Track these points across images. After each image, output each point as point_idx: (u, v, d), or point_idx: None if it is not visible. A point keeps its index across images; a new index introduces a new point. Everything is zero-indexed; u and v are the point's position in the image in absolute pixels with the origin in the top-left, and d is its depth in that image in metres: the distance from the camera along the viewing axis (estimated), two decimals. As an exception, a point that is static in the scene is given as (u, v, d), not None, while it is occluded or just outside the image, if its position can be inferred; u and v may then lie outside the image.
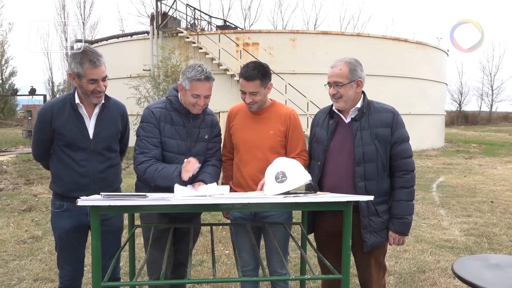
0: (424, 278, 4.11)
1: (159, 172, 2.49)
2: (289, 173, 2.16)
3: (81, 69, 2.40)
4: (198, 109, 2.62)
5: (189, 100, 2.57)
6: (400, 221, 2.47)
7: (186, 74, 2.56)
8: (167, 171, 2.49)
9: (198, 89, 2.53)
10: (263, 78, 2.62)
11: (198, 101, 2.56)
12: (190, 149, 2.67)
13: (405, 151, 2.48)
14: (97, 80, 2.44)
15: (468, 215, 6.66)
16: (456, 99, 52.11)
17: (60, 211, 2.58)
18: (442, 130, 21.82)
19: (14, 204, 7.28)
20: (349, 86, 2.44)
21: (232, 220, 2.87)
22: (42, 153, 2.65)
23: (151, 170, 2.51)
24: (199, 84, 2.53)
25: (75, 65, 2.42)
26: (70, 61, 2.46)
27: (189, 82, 2.53)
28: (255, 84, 2.61)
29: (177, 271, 2.92)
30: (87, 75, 2.41)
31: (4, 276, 4.11)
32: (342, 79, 2.43)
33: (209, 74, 2.56)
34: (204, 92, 2.56)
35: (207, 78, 2.54)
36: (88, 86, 2.44)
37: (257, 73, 2.60)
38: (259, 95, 2.64)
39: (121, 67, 17.02)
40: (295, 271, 4.12)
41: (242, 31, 19.28)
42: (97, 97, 2.50)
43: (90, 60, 2.40)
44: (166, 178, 2.46)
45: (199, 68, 2.54)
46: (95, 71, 2.42)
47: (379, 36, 18.49)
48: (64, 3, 39.48)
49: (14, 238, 5.33)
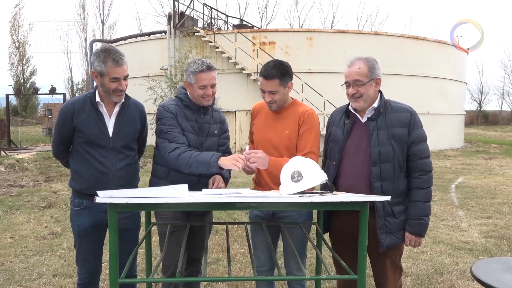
0: (442, 280, 4.05)
1: (195, 158, 2.49)
2: (305, 172, 2.15)
3: (104, 67, 2.45)
4: (208, 100, 2.70)
5: (197, 93, 2.65)
6: (417, 222, 2.44)
7: (189, 69, 2.67)
8: (204, 156, 2.49)
9: (203, 80, 2.62)
10: (282, 77, 2.59)
11: (205, 91, 2.65)
12: (202, 144, 2.74)
13: (423, 151, 2.45)
14: (119, 79, 2.49)
15: (487, 217, 6.53)
16: (476, 99, 51.18)
17: (80, 209, 2.63)
18: (461, 130, 21.45)
19: (34, 200, 7.45)
20: (369, 84, 2.42)
21: (250, 219, 2.87)
22: (62, 150, 2.70)
23: (185, 156, 2.52)
24: (203, 75, 2.61)
25: (98, 63, 2.47)
26: (93, 59, 2.51)
27: (194, 75, 2.63)
28: (274, 83, 2.59)
29: (190, 267, 2.95)
30: (109, 73, 2.46)
31: (25, 271, 4.21)
32: (362, 78, 2.40)
33: (210, 64, 2.65)
34: (210, 82, 2.65)
35: (209, 68, 2.63)
36: (110, 84, 2.49)
37: (276, 72, 2.58)
38: (278, 94, 2.62)
39: (139, 66, 17.20)
40: (310, 271, 4.11)
41: (259, 30, 19.26)
42: (118, 95, 2.55)
43: (113, 59, 2.45)
44: (204, 164, 2.46)
45: (199, 61, 2.65)
46: (117, 70, 2.47)
47: (397, 34, 18.26)
48: (84, 4, 40.18)
49: (34, 234, 5.46)
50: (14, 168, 11.26)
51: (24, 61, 40.49)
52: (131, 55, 17.10)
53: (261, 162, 2.48)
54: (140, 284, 3.63)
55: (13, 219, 6.24)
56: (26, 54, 40.46)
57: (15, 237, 5.35)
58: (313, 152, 2.62)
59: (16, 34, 39.35)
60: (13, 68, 40.01)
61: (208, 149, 2.74)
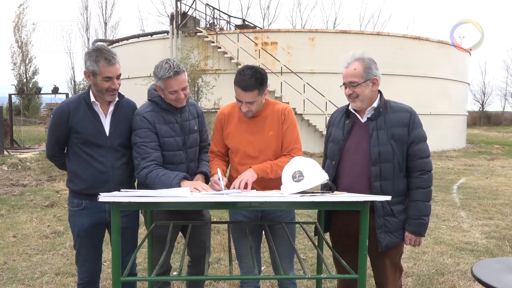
0: (443, 280, 4.05)
1: (160, 178, 2.45)
2: (306, 172, 2.16)
3: (97, 66, 2.46)
4: (181, 103, 2.65)
5: (169, 97, 2.60)
6: (417, 222, 2.45)
7: (157, 75, 2.55)
8: (167, 178, 2.44)
9: (172, 86, 2.54)
10: (260, 87, 2.49)
11: (177, 96, 2.58)
12: (186, 142, 2.72)
13: (422, 151, 2.46)
14: (112, 78, 2.50)
15: (489, 218, 6.53)
16: (478, 99, 51.10)
17: (79, 209, 2.63)
18: (463, 130, 21.41)
19: (37, 200, 7.48)
20: (365, 85, 2.43)
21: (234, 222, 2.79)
22: (57, 152, 2.69)
23: (152, 176, 2.48)
24: (171, 80, 2.52)
25: (90, 63, 2.47)
26: (85, 59, 2.51)
27: (162, 82, 2.55)
28: (253, 95, 2.49)
29: (200, 265, 2.95)
30: (102, 72, 2.47)
31: (28, 270, 4.23)
32: (357, 79, 2.42)
33: (178, 67, 2.53)
34: (180, 86, 2.56)
35: (176, 73, 2.52)
36: (103, 83, 2.49)
37: (254, 83, 2.46)
38: (256, 104, 2.54)
39: (141, 66, 17.24)
40: (311, 271, 4.12)
41: (261, 31, 19.29)
42: (111, 94, 2.56)
43: (106, 58, 2.45)
44: (165, 185, 2.39)
45: (166, 65, 2.53)
46: (110, 69, 2.47)
47: (400, 35, 18.24)
48: (87, 4, 40.28)
49: (37, 233, 5.48)
50: (16, 168, 11.31)
51: (27, 61, 40.60)
52: (133, 55, 17.27)
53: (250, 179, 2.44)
54: (141, 283, 3.65)
55: (16, 218, 6.27)
56: (29, 54, 40.60)
57: (18, 236, 5.37)
58: (297, 148, 2.64)
59: (20, 34, 39.50)
60: (16, 67, 40.15)
61: (191, 146, 2.75)
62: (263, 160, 2.60)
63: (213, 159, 2.78)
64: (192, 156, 2.78)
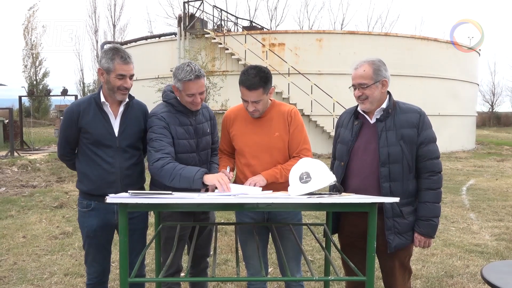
0: (452, 283, 4.01)
1: (179, 171, 2.42)
2: (313, 173, 2.16)
3: (112, 64, 2.50)
4: (197, 106, 2.67)
5: (185, 99, 2.62)
6: (426, 223, 2.43)
7: (177, 76, 2.59)
8: (189, 172, 2.42)
9: (191, 89, 2.57)
10: (265, 86, 2.52)
11: (194, 99, 2.61)
12: (199, 145, 2.74)
13: (432, 152, 2.44)
14: (125, 76, 2.53)
15: (499, 219, 6.46)
16: (488, 100, 50.57)
17: (88, 210, 2.65)
18: (473, 131, 21.22)
19: (46, 200, 7.55)
20: (374, 86, 2.42)
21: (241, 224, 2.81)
22: (67, 153, 2.72)
23: (168, 168, 2.45)
24: (190, 83, 2.56)
25: (106, 60, 2.51)
26: (101, 57, 2.56)
27: (181, 83, 2.58)
28: (258, 93, 2.51)
29: (201, 265, 2.97)
30: (116, 69, 2.50)
31: (37, 270, 4.26)
32: (367, 80, 2.41)
33: (199, 72, 2.57)
34: (198, 90, 2.59)
35: (197, 77, 2.55)
36: (115, 81, 2.52)
37: (259, 81, 2.49)
38: (261, 102, 2.56)
39: (149, 68, 17.35)
40: (319, 272, 4.11)
41: (268, 32, 19.29)
42: (122, 93, 2.58)
43: (122, 57, 2.50)
44: (187, 179, 2.40)
45: (187, 68, 2.57)
46: (125, 67, 2.52)
47: (408, 35, 18.12)
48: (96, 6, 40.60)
49: (46, 234, 5.53)
50: (26, 169, 11.41)
51: (37, 63, 40.97)
52: (141, 57, 17.35)
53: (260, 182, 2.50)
54: (149, 284, 3.66)
55: (26, 219, 6.33)
56: (39, 56, 40.95)
57: (28, 236, 5.42)
58: (306, 148, 2.65)
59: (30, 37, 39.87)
60: (27, 70, 40.53)
61: (204, 149, 2.77)
62: (269, 161, 2.61)
63: (221, 157, 2.86)
64: (204, 159, 2.81)
